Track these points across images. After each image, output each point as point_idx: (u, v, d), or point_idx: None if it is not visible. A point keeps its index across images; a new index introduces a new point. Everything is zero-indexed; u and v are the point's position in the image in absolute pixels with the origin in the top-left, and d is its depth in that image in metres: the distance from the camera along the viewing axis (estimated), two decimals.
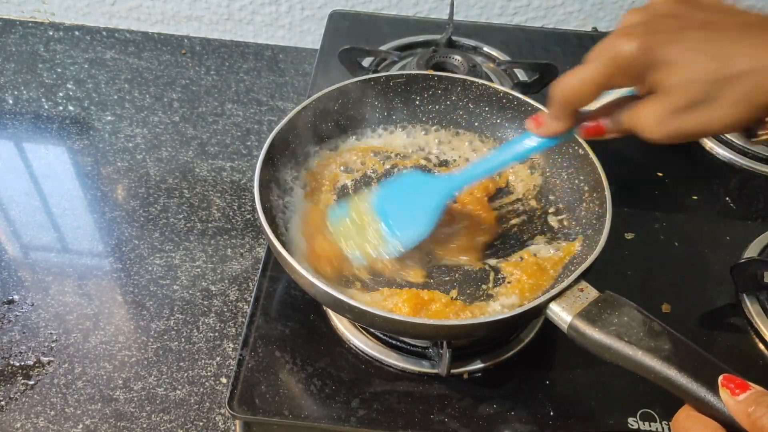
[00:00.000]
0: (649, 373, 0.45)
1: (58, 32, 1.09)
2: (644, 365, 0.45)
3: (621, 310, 0.49)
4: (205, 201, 0.84)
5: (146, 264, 0.76)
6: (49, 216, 0.82)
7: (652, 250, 0.70)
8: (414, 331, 0.53)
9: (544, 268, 0.60)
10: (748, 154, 0.80)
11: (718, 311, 0.65)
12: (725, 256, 0.69)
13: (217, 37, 1.11)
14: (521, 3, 1.05)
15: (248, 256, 0.78)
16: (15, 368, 0.67)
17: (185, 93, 0.99)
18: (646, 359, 0.45)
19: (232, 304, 0.73)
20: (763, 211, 0.75)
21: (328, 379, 0.58)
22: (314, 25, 1.08)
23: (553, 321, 0.51)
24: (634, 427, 0.55)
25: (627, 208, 0.72)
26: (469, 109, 0.72)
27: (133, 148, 0.90)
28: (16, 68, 1.02)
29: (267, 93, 1.00)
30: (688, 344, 0.45)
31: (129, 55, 1.06)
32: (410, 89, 0.72)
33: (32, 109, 0.95)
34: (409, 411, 0.56)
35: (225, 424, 0.64)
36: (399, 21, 1.01)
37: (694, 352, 0.45)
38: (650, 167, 0.79)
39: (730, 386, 0.40)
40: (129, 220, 0.81)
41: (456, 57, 0.85)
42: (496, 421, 0.56)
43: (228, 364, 0.68)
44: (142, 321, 0.71)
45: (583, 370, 0.60)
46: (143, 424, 0.63)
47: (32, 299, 0.73)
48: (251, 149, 0.91)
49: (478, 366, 0.59)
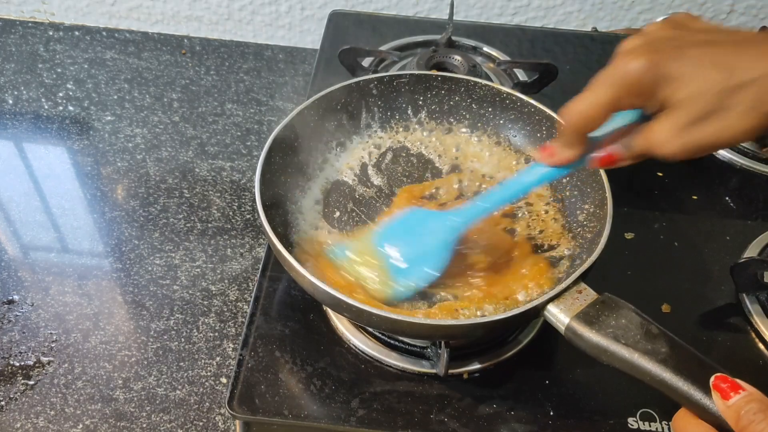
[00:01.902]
0: (645, 376, 0.45)
1: (58, 32, 1.09)
2: (640, 368, 0.45)
3: (619, 312, 0.48)
4: (205, 201, 0.84)
5: (146, 264, 0.76)
6: (49, 216, 0.82)
7: (652, 250, 0.70)
8: (412, 330, 0.53)
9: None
10: (748, 154, 0.80)
11: (718, 311, 0.65)
12: (725, 256, 0.69)
13: (217, 37, 1.11)
14: (521, 3, 1.05)
15: (248, 256, 0.78)
16: (15, 368, 0.67)
17: (185, 93, 0.99)
18: (643, 362, 0.44)
19: (232, 304, 0.73)
20: (763, 211, 0.75)
21: (328, 379, 0.58)
22: (314, 25, 1.08)
23: (551, 322, 0.51)
24: (634, 427, 0.55)
25: (627, 208, 0.72)
26: (473, 109, 0.72)
27: (133, 148, 0.90)
28: (16, 68, 1.02)
29: (267, 93, 1.00)
30: (685, 347, 0.45)
31: (129, 55, 1.06)
32: (414, 89, 0.72)
33: (32, 109, 0.96)
34: (408, 411, 0.56)
35: (225, 424, 0.64)
36: (399, 21, 1.01)
37: (691, 355, 0.44)
38: (650, 167, 0.79)
39: (721, 387, 0.40)
40: (129, 220, 0.81)
41: (456, 57, 0.85)
42: (495, 421, 0.56)
43: (228, 364, 0.68)
44: (142, 321, 0.71)
45: (582, 370, 0.60)
46: (143, 424, 0.63)
47: (32, 299, 0.73)
48: (251, 149, 0.91)
49: (478, 366, 0.59)
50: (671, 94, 0.42)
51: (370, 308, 0.50)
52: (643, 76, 0.42)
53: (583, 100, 0.45)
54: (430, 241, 0.57)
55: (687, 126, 0.42)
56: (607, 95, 0.44)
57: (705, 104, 0.41)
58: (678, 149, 0.43)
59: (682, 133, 0.42)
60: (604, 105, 0.44)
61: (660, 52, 0.42)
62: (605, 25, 1.08)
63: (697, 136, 0.42)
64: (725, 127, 0.42)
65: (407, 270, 0.57)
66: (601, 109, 0.44)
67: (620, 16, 1.07)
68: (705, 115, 0.41)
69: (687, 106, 0.42)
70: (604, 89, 0.44)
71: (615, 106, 0.44)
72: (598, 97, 0.44)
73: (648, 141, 0.45)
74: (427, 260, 0.57)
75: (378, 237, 0.59)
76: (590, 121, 0.45)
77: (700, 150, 0.43)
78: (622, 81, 0.43)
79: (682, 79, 0.41)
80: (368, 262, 0.57)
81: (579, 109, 0.45)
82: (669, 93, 0.42)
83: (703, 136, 0.42)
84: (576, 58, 0.95)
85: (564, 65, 0.91)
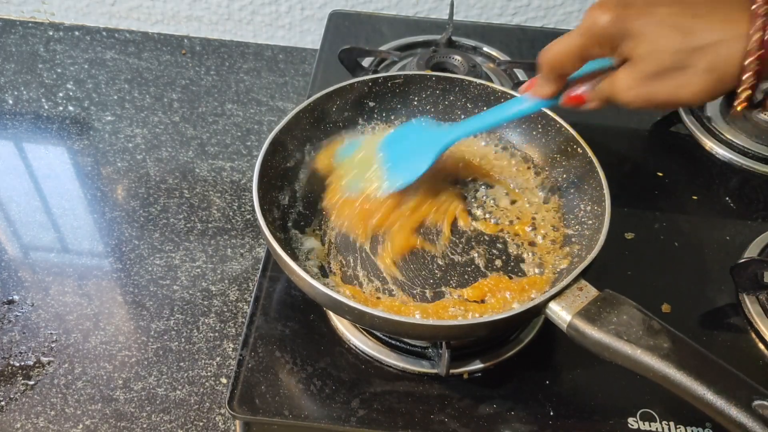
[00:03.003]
0: (648, 372, 0.45)
1: (58, 32, 1.09)
2: (643, 364, 0.45)
3: (620, 308, 0.49)
4: (205, 201, 0.84)
5: (146, 264, 0.76)
6: (49, 216, 0.82)
7: (652, 250, 0.70)
8: (413, 331, 0.53)
9: None
10: (748, 154, 0.80)
11: (718, 311, 0.65)
12: (725, 256, 0.69)
13: (217, 37, 1.11)
14: (521, 3, 1.05)
15: (248, 256, 0.78)
16: (15, 368, 0.67)
17: (185, 93, 0.99)
18: (645, 358, 0.45)
19: (232, 304, 0.73)
20: (763, 211, 0.75)
21: (328, 379, 0.58)
22: (314, 25, 1.08)
23: (553, 320, 0.51)
24: (634, 427, 0.55)
25: (627, 208, 0.72)
26: (468, 108, 0.72)
27: (133, 148, 0.90)
28: (16, 68, 1.02)
29: (267, 93, 1.00)
30: (687, 342, 0.45)
31: (129, 55, 1.06)
32: (408, 90, 0.72)
33: (32, 109, 0.95)
34: (409, 411, 0.56)
35: (225, 424, 0.64)
36: (399, 21, 1.01)
37: (694, 350, 0.45)
38: (650, 167, 0.79)
39: None
40: (129, 220, 0.81)
41: (456, 57, 0.85)
42: (496, 421, 0.56)
43: (228, 364, 0.68)
44: (142, 321, 0.71)
45: (583, 370, 0.60)
46: (143, 425, 0.63)
47: (32, 299, 0.73)
48: (251, 149, 0.91)
49: (478, 366, 0.59)
50: (633, 48, 0.46)
51: (371, 310, 0.50)
52: (608, 29, 0.46)
53: (557, 43, 0.50)
54: (422, 147, 0.63)
55: (645, 78, 0.47)
56: (576, 42, 0.49)
57: (662, 61, 0.45)
58: (633, 98, 0.48)
59: (640, 84, 0.47)
60: (574, 50, 0.49)
61: (628, 7, 0.46)
62: None
63: (653, 89, 0.47)
64: (681, 85, 0.46)
65: (394, 169, 0.63)
66: (571, 53, 0.50)
67: None
68: (662, 72, 0.46)
69: (645, 61, 0.46)
70: (575, 37, 0.49)
71: (584, 53, 0.49)
72: (569, 43, 0.49)
73: (611, 86, 0.49)
74: (412, 164, 0.63)
75: (381, 143, 0.66)
76: (562, 62, 0.51)
77: (655, 103, 0.48)
78: (590, 31, 0.47)
79: (643, 35, 0.45)
80: (367, 161, 0.64)
81: (553, 51, 0.51)
82: (631, 47, 0.46)
83: (659, 90, 0.47)
84: None
85: None
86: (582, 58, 0.50)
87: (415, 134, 0.65)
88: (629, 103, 0.49)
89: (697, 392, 0.42)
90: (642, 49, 0.46)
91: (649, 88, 0.47)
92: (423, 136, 0.64)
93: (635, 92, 0.48)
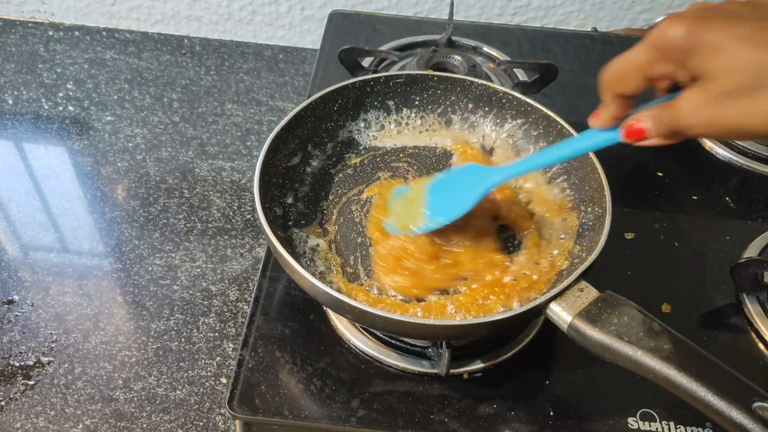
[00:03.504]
0: (648, 373, 0.45)
1: (58, 32, 1.09)
2: (644, 365, 0.45)
3: (621, 309, 0.48)
4: (205, 201, 0.84)
5: (146, 264, 0.76)
6: (49, 216, 0.82)
7: (652, 250, 0.70)
8: (414, 331, 0.53)
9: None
10: (748, 154, 0.80)
11: (718, 311, 0.65)
12: (725, 256, 0.69)
13: (217, 37, 1.11)
14: (521, 3, 1.05)
15: (248, 256, 0.78)
16: (15, 368, 0.67)
17: (185, 93, 0.99)
18: (646, 359, 0.45)
19: (232, 304, 0.73)
20: (763, 211, 0.75)
21: (328, 379, 0.58)
22: (314, 25, 1.08)
23: (553, 321, 0.51)
24: (634, 427, 0.55)
25: (627, 208, 0.72)
26: (469, 109, 0.72)
27: (133, 148, 0.90)
28: (16, 68, 1.02)
29: (267, 93, 1.00)
30: (688, 344, 0.45)
31: (129, 55, 1.06)
32: (410, 89, 0.72)
33: (32, 109, 0.95)
34: (409, 411, 0.56)
35: (225, 424, 0.64)
36: (399, 21, 1.01)
37: (695, 351, 0.45)
38: (650, 167, 0.79)
39: None
40: (129, 220, 0.81)
41: (456, 57, 0.85)
42: (496, 421, 0.56)
43: (228, 364, 0.68)
44: (142, 321, 0.71)
45: (583, 370, 0.60)
46: (143, 425, 0.63)
47: (32, 299, 0.73)
48: (251, 149, 0.91)
49: (478, 366, 0.59)
50: (706, 62, 0.40)
51: (372, 309, 0.50)
52: (681, 41, 0.41)
53: (619, 58, 0.45)
54: (466, 189, 0.61)
55: (715, 98, 0.40)
56: (641, 56, 0.43)
57: (738, 79, 0.39)
58: (698, 120, 0.42)
59: (708, 105, 0.41)
60: (636, 65, 0.44)
61: (705, 20, 0.41)
62: (605, 25, 1.08)
63: (723, 111, 0.40)
64: (754, 109, 0.39)
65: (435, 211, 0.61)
66: (633, 68, 0.44)
67: (620, 16, 1.07)
68: (736, 91, 0.39)
69: (719, 78, 0.40)
70: (640, 50, 0.43)
71: (648, 69, 0.43)
72: (633, 57, 0.44)
73: (675, 110, 0.43)
74: (455, 205, 0.60)
75: (432, 183, 0.65)
76: (622, 79, 0.45)
77: (724, 128, 0.41)
78: (659, 42, 0.42)
79: (720, 49, 0.40)
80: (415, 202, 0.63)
81: (613, 67, 0.45)
82: (705, 61, 0.40)
83: (729, 113, 0.40)
84: (576, 58, 0.95)
85: (564, 65, 0.91)
86: (645, 74, 0.44)
87: (462, 176, 0.63)
88: (692, 126, 0.42)
89: (698, 394, 0.42)
90: (718, 63, 0.40)
91: (718, 110, 0.40)
92: (469, 177, 0.62)
93: (700, 114, 0.41)
